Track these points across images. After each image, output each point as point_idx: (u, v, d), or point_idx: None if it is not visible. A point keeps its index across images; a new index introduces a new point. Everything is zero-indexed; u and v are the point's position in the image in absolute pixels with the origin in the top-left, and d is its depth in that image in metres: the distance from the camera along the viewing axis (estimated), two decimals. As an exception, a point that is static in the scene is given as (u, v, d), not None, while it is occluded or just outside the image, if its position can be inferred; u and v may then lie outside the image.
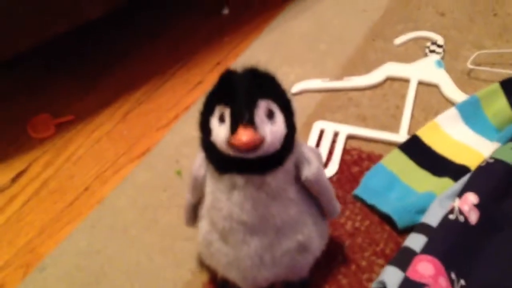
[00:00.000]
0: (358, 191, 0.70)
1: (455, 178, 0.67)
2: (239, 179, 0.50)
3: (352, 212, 0.69)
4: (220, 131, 0.48)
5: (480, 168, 0.63)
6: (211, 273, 0.63)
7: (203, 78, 0.95)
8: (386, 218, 0.67)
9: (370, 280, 0.61)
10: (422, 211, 0.64)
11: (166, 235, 0.69)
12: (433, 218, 0.61)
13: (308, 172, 0.53)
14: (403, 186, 0.70)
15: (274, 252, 0.54)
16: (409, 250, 0.59)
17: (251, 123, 0.45)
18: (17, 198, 0.77)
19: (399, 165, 0.72)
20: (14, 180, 0.80)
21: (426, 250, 0.56)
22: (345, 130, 0.79)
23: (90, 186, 0.78)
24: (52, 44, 0.87)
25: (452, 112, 0.76)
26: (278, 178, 0.51)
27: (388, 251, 0.64)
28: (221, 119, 0.48)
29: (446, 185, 0.67)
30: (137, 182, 0.77)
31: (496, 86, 0.76)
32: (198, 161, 0.54)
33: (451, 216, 0.58)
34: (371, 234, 0.66)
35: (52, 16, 0.82)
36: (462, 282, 0.55)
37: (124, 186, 0.77)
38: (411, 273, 0.54)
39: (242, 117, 0.45)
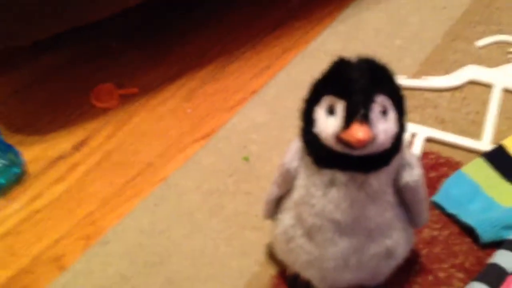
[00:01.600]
0: (438, 198, 0.66)
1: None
2: (340, 176, 0.46)
3: (430, 219, 0.65)
4: (328, 124, 0.44)
5: None
6: (280, 266, 0.60)
7: (271, 63, 0.92)
8: (466, 230, 0.64)
9: (449, 294, 0.58)
10: (509, 227, 0.61)
11: (232, 223, 0.67)
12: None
13: (409, 177, 0.49)
14: (486, 198, 0.66)
15: (361, 255, 0.51)
16: (499, 268, 0.55)
17: (366, 119, 0.42)
18: (79, 167, 0.76)
19: (483, 175, 0.68)
20: (75, 147, 0.78)
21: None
22: (423, 132, 0.75)
23: (153, 162, 0.76)
24: (123, 16, 0.85)
25: (542, 124, 0.72)
26: (381, 179, 0.47)
27: (468, 264, 0.60)
28: (330, 111, 0.44)
29: (536, 201, 0.63)
30: (202, 164, 0.75)
31: None
32: (291, 152, 0.51)
33: (549, 237, 0.54)
34: (450, 245, 0.63)
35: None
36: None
37: (188, 166, 0.74)
38: (505, 294, 0.51)
39: (358, 112, 0.42)
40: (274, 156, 0.75)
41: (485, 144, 0.73)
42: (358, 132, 0.42)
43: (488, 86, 0.82)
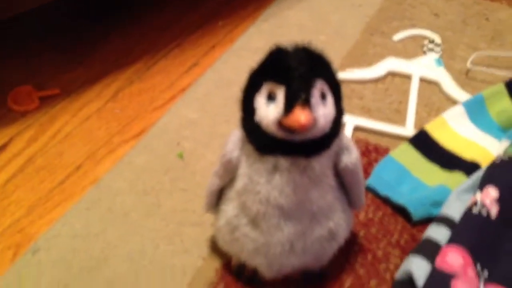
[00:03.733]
0: (370, 182, 0.68)
1: (467, 173, 0.68)
2: (283, 162, 0.47)
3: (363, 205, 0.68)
4: (268, 111, 0.44)
5: (495, 165, 0.64)
6: (224, 259, 0.60)
7: (198, 61, 0.91)
8: (398, 210, 0.67)
9: (387, 270, 0.60)
10: (437, 203, 0.64)
11: (171, 221, 0.65)
12: (452, 210, 0.61)
13: (348, 159, 0.51)
14: (413, 179, 0.69)
15: (306, 239, 0.51)
16: (432, 241, 0.58)
17: (307, 103, 0.43)
18: (0, 174, 0.70)
19: (409, 158, 0.72)
20: (-6, 154, 0.73)
21: (454, 240, 0.55)
22: (351, 121, 0.78)
23: (82, 165, 0.72)
24: (39, 13, 0.81)
25: (459, 109, 0.76)
26: (322, 163, 0.48)
27: (403, 242, 0.63)
28: (270, 98, 0.45)
29: (459, 179, 0.67)
30: (134, 164, 0.72)
31: (501, 86, 0.77)
32: (231, 142, 0.51)
33: (474, 210, 0.58)
34: (385, 225, 0.65)
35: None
36: (486, 273, 0.55)
37: (120, 167, 0.72)
38: (440, 264, 0.53)
39: (299, 97, 0.43)
40: (208, 152, 0.74)
41: (409, 130, 0.77)
42: (300, 116, 0.42)
43: (407, 77, 0.87)
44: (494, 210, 0.59)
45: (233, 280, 0.58)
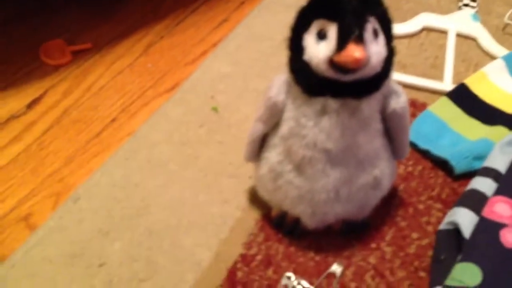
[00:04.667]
0: (410, 136, 0.67)
1: (509, 126, 0.66)
2: (332, 103, 0.46)
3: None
4: (319, 49, 0.43)
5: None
6: (263, 210, 0.60)
7: (228, 16, 0.90)
8: (438, 164, 0.66)
9: (429, 223, 0.59)
10: (479, 157, 0.63)
11: (209, 171, 0.65)
12: (496, 163, 0.60)
13: (396, 104, 0.49)
14: (454, 133, 0.68)
15: (351, 186, 0.51)
16: (478, 192, 0.57)
17: (361, 39, 0.41)
18: (36, 126, 0.70)
19: (448, 112, 0.70)
20: (29, 106, 0.73)
21: (502, 191, 0.54)
22: (388, 75, 0.76)
23: (117, 118, 0.72)
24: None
25: (499, 63, 0.75)
26: (371, 105, 0.47)
27: (444, 196, 0.63)
28: (321, 36, 0.43)
29: (501, 133, 0.66)
30: (170, 116, 0.72)
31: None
32: (276, 86, 0.50)
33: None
34: (425, 179, 0.64)
35: None
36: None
37: (155, 120, 0.71)
38: (488, 213, 0.53)
39: (352, 32, 0.41)
40: (242, 105, 0.73)
41: (447, 84, 0.75)
42: (355, 51, 0.41)
43: (442, 32, 0.85)
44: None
45: (274, 230, 0.58)
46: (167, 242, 0.57)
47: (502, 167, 0.59)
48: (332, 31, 0.42)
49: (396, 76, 0.76)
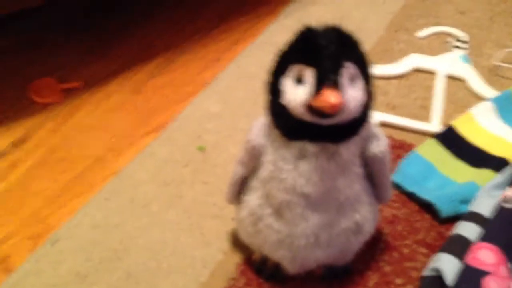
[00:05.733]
0: (396, 178, 0.67)
1: (496, 169, 0.66)
2: (311, 147, 0.46)
3: (390, 199, 0.66)
4: (297, 93, 0.43)
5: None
6: (245, 254, 0.58)
7: (220, 55, 0.90)
8: (425, 207, 0.65)
9: (414, 268, 0.58)
10: (466, 200, 0.62)
11: (192, 213, 0.64)
12: (482, 207, 0.59)
13: (377, 148, 0.49)
14: (441, 176, 0.67)
15: (332, 230, 0.50)
16: (462, 238, 0.56)
17: (337, 84, 0.42)
18: (20, 164, 0.70)
19: (435, 154, 0.70)
20: (15, 144, 0.73)
21: (485, 238, 0.53)
22: (377, 117, 0.76)
23: (103, 157, 0.72)
24: (60, 6, 0.81)
25: (487, 105, 0.74)
26: (350, 150, 0.47)
27: (430, 240, 0.61)
28: (299, 80, 0.44)
29: (488, 176, 0.65)
30: (156, 156, 0.71)
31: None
32: (255, 129, 0.50)
33: (508, 205, 0.56)
34: (411, 222, 0.63)
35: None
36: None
37: (141, 159, 0.71)
38: (472, 260, 0.51)
39: (328, 77, 0.42)
40: (229, 145, 0.73)
41: (435, 126, 0.75)
42: (330, 96, 0.41)
43: (431, 73, 0.86)
44: (526, 207, 0.57)
45: (255, 275, 0.57)
46: (144, 286, 0.56)
47: (486, 212, 0.58)
48: (309, 76, 0.42)
49: (385, 117, 0.76)
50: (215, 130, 0.75)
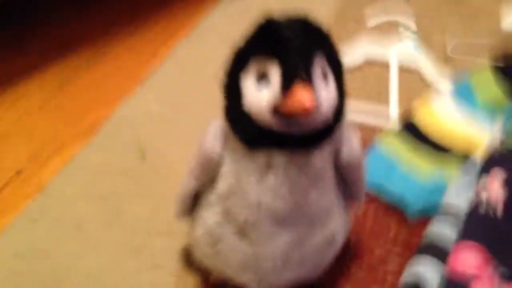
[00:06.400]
0: (361, 178, 0.62)
1: (459, 159, 0.63)
2: (278, 157, 0.39)
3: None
4: (260, 94, 0.36)
5: (495, 159, 0.58)
6: (201, 274, 0.51)
7: (156, 48, 0.81)
8: (392, 203, 0.60)
9: (390, 272, 0.53)
10: (433, 193, 0.59)
11: (136, 231, 0.55)
12: (454, 200, 0.55)
13: (350, 154, 0.43)
14: (404, 170, 0.63)
15: (303, 248, 0.43)
16: (441, 236, 0.51)
17: (309, 80, 0.35)
18: None
19: (397, 149, 0.66)
20: None
21: (466, 235, 0.49)
22: (332, 112, 0.71)
23: (23, 169, 0.61)
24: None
25: (445, 96, 0.72)
26: (324, 157, 0.41)
27: (403, 237, 0.56)
28: (261, 78, 0.36)
29: (452, 165, 0.62)
30: (88, 165, 0.62)
31: (486, 71, 0.73)
32: (210, 135, 0.42)
33: (481, 210, 0.52)
34: (381, 220, 0.58)
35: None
36: (502, 269, 0.49)
37: (71, 170, 0.61)
38: (455, 266, 0.47)
39: (299, 73, 0.34)
40: (173, 148, 0.65)
41: (393, 120, 0.71)
42: (303, 95, 0.34)
43: (385, 65, 0.82)
44: (500, 208, 0.54)
45: (213, 300, 0.50)
46: (84, 325, 0.47)
47: (461, 205, 0.54)
48: (275, 72, 0.35)
49: (341, 112, 0.71)
50: (155, 133, 0.67)
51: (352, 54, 0.82)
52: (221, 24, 0.86)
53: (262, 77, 0.36)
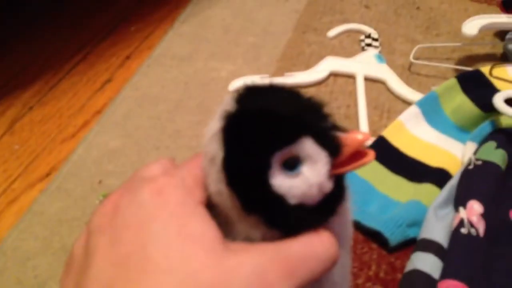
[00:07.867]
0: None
1: (437, 183, 0.61)
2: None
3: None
4: (301, 178, 0.29)
5: (470, 172, 0.57)
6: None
7: (111, 75, 0.77)
8: (369, 235, 0.58)
9: (372, 312, 0.51)
10: (413, 223, 0.56)
11: (103, 285, 0.51)
12: (435, 233, 0.53)
13: None
14: (381, 196, 0.61)
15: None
16: (420, 273, 0.50)
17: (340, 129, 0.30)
18: None
19: (371, 172, 0.63)
20: None
21: (448, 274, 0.47)
22: (301, 133, 0.68)
23: (-26, 224, 0.56)
24: None
25: (414, 110, 0.69)
26: None
27: (383, 274, 0.55)
28: (290, 166, 0.29)
29: (430, 191, 0.60)
30: (46, 214, 0.57)
31: (453, 81, 0.71)
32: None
33: (463, 230, 0.51)
34: (359, 256, 0.56)
35: None
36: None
37: (27, 221, 0.57)
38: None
39: (333, 126, 0.29)
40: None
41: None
42: (357, 134, 0.29)
43: (349, 77, 0.80)
44: (481, 228, 0.52)
45: None
46: None
47: (441, 238, 0.53)
48: (306, 148, 0.29)
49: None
50: (119, 171, 0.63)
51: (316, 68, 0.80)
52: (178, 46, 0.82)
53: (291, 164, 0.29)
